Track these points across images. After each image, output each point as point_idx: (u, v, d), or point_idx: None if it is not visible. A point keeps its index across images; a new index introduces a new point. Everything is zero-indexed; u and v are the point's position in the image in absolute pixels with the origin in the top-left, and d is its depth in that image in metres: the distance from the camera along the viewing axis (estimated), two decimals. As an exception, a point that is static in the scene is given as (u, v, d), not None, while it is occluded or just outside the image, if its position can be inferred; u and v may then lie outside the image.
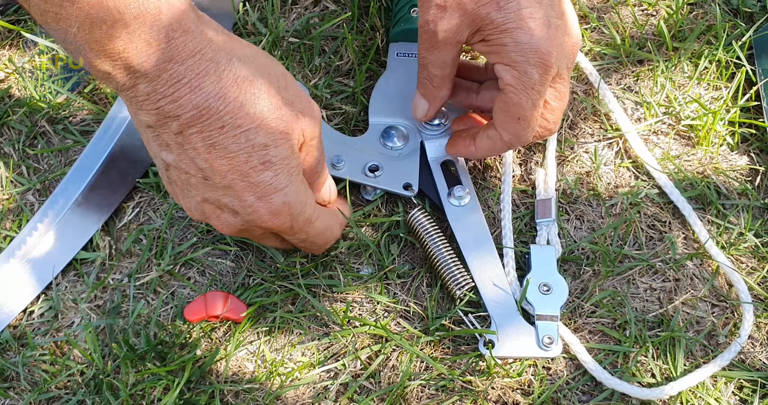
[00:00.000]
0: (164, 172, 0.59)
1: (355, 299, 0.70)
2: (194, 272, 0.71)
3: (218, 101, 0.54)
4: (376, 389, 0.67)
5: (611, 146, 0.78)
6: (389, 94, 0.77)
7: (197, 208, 0.59)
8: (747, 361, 0.69)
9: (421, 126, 0.75)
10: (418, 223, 0.70)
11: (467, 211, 0.72)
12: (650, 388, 0.66)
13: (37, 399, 0.66)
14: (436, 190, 0.73)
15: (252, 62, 0.56)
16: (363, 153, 0.74)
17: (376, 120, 0.76)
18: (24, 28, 0.82)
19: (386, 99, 0.77)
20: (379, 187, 0.73)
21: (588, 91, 0.81)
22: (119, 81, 0.52)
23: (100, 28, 0.49)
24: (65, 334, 0.69)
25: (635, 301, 0.71)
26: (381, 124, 0.76)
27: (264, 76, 0.56)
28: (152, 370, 0.64)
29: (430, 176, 0.74)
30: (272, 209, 0.58)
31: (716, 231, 0.74)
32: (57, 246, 0.70)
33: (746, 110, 0.80)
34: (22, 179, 0.75)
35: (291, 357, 0.68)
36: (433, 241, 0.70)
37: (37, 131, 0.78)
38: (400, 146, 0.75)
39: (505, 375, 0.67)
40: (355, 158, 0.74)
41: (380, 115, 0.76)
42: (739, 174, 0.77)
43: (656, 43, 0.83)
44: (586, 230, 0.74)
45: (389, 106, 0.77)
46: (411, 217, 0.71)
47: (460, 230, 0.71)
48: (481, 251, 0.70)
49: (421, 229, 0.70)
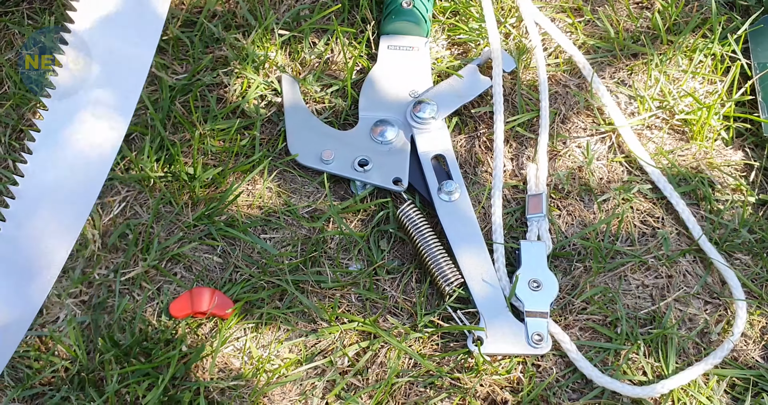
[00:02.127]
0: None
1: (343, 295, 0.69)
2: (180, 267, 0.71)
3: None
4: (363, 386, 0.66)
5: (604, 141, 0.77)
6: (380, 88, 0.76)
7: None
8: (740, 359, 0.68)
9: (411, 120, 0.74)
10: (408, 219, 0.70)
11: (457, 207, 0.71)
12: (641, 387, 0.65)
13: (20, 395, 0.65)
14: (426, 185, 0.72)
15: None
16: (352, 147, 0.73)
17: (366, 114, 0.75)
18: (10, 21, 0.81)
19: (377, 93, 0.76)
20: (368, 181, 0.72)
21: (581, 84, 0.80)
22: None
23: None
24: (49, 329, 0.68)
25: (627, 297, 0.70)
26: (371, 117, 0.75)
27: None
28: (137, 366, 0.64)
29: (420, 171, 0.73)
30: None
31: (710, 227, 0.73)
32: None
33: (741, 104, 0.79)
34: (9, 173, 0.74)
35: (278, 354, 0.67)
36: (423, 237, 0.69)
37: (23, 125, 0.77)
38: (390, 140, 0.74)
39: (493, 372, 0.66)
40: (344, 153, 0.73)
41: (370, 109, 0.75)
42: (734, 169, 0.76)
43: (651, 37, 0.82)
44: (577, 226, 0.73)
45: (380, 100, 0.76)
46: (401, 212, 0.70)
47: (449, 226, 0.70)
48: (470, 247, 0.70)
49: (410, 225, 0.69)
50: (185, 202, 0.72)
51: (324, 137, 0.74)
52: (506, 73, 0.77)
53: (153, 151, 0.73)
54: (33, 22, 0.82)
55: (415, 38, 0.79)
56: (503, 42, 0.81)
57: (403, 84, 0.76)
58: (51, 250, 0.65)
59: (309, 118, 0.76)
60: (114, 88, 0.68)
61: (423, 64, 0.78)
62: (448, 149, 0.74)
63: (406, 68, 0.77)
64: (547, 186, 0.74)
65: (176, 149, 0.72)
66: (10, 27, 0.81)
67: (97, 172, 0.66)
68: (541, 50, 0.79)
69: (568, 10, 0.84)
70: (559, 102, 0.79)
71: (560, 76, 0.81)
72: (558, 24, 0.84)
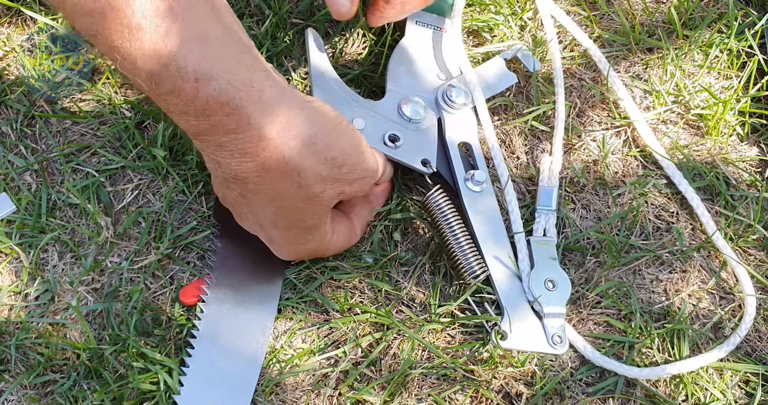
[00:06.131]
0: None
1: (356, 286, 0.69)
2: (193, 256, 0.70)
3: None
4: (377, 377, 0.66)
5: (619, 135, 0.77)
6: (407, 62, 0.73)
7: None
8: (754, 355, 0.68)
9: (443, 102, 0.72)
10: (436, 205, 0.67)
11: (484, 198, 0.70)
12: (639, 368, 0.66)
13: (32, 382, 0.65)
14: (451, 172, 0.70)
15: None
16: (381, 120, 0.69)
17: (393, 86, 0.72)
18: (23, 5, 0.81)
19: (404, 67, 0.73)
20: (397, 159, 0.68)
21: (596, 78, 0.80)
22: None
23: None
24: (62, 317, 0.67)
25: (641, 292, 0.70)
26: (399, 92, 0.71)
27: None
28: (148, 354, 0.63)
29: (445, 157, 0.71)
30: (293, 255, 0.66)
31: (725, 222, 0.73)
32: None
33: (757, 100, 0.79)
34: (19, 159, 0.74)
35: (291, 344, 0.67)
36: (449, 225, 0.67)
37: (35, 111, 0.76)
38: (417, 119, 0.70)
39: (508, 365, 0.65)
40: (373, 123, 0.69)
41: (398, 82, 0.72)
42: (749, 165, 0.76)
43: (666, 31, 0.81)
44: (592, 219, 0.73)
45: (409, 76, 0.73)
46: (429, 197, 0.68)
47: (475, 216, 0.68)
48: (496, 240, 0.68)
49: (438, 211, 0.67)
50: (198, 192, 0.72)
51: (352, 104, 0.69)
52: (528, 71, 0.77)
53: (166, 139, 0.72)
54: (45, 8, 0.81)
55: (441, 18, 0.77)
56: (519, 35, 0.80)
57: (431, 64, 0.73)
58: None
59: (336, 80, 0.71)
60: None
61: (451, 47, 0.76)
62: (474, 138, 0.72)
63: (432, 47, 0.75)
64: (563, 179, 0.74)
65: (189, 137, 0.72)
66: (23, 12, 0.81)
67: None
68: (556, 43, 0.79)
69: (584, 3, 0.84)
70: (575, 95, 0.78)
71: (575, 69, 0.80)
72: (573, 17, 0.83)
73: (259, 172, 0.57)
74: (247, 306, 0.67)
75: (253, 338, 0.66)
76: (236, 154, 0.56)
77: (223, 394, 0.64)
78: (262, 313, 0.67)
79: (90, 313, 0.67)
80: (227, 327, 0.66)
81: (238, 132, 0.55)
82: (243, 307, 0.67)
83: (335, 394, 0.65)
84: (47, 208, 0.71)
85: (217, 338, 0.65)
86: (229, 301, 0.67)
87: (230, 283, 0.68)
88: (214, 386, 0.64)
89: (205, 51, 0.52)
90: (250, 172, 0.57)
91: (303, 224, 0.62)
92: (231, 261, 0.69)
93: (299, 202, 0.59)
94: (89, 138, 0.75)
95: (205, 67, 0.52)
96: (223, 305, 0.67)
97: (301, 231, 0.62)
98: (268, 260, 0.68)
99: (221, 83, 0.53)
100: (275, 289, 0.68)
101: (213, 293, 0.67)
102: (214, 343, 0.65)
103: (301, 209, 0.60)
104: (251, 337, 0.66)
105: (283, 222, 0.61)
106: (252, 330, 0.66)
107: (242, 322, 0.66)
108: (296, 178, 0.58)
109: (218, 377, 0.64)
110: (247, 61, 0.55)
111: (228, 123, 0.54)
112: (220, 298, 0.67)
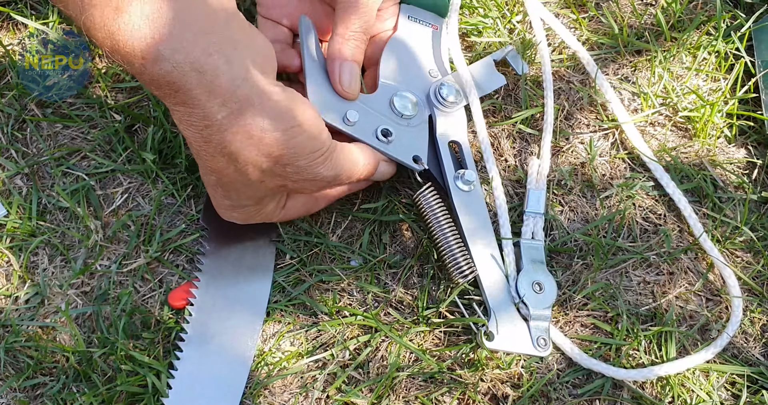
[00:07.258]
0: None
1: (344, 288, 0.69)
2: (182, 259, 0.71)
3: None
4: (364, 380, 0.66)
5: (607, 137, 0.77)
6: (399, 57, 0.73)
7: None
8: (740, 356, 0.68)
9: (435, 100, 0.72)
10: (426, 202, 0.68)
11: (473, 198, 0.70)
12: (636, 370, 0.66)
13: (21, 385, 0.65)
14: (441, 170, 0.70)
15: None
16: (372, 113, 0.69)
17: (386, 82, 0.71)
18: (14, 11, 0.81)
19: (396, 61, 0.73)
20: (389, 154, 0.68)
21: (585, 81, 0.80)
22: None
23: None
24: (51, 320, 0.68)
25: (628, 294, 0.70)
26: (391, 87, 0.71)
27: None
28: (137, 357, 0.64)
29: (435, 154, 0.71)
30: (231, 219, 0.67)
31: (712, 224, 0.73)
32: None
33: (745, 102, 0.79)
34: (10, 163, 0.74)
35: (279, 346, 0.67)
36: (439, 223, 0.67)
37: (26, 115, 0.77)
38: (408, 115, 0.70)
39: (495, 367, 0.66)
40: (366, 117, 0.68)
41: (390, 77, 0.72)
42: (736, 167, 0.76)
43: (654, 33, 0.82)
44: (579, 222, 0.73)
45: (399, 71, 0.73)
46: (419, 194, 0.68)
47: (464, 216, 0.68)
48: (484, 241, 0.68)
49: (428, 209, 0.67)
50: (188, 195, 0.72)
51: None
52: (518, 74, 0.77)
53: (156, 143, 0.73)
54: (36, 13, 0.81)
55: (434, 16, 0.77)
56: (508, 37, 0.81)
57: (423, 60, 0.73)
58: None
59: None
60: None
61: (445, 45, 0.76)
62: (464, 137, 0.72)
63: (424, 43, 0.75)
64: (550, 182, 0.74)
65: (178, 141, 0.72)
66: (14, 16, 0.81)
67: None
68: (545, 46, 0.79)
69: (573, 6, 0.84)
70: (563, 98, 0.79)
71: (564, 71, 0.81)
72: (562, 20, 0.83)
73: (200, 143, 0.57)
74: (235, 309, 0.67)
75: (241, 341, 0.66)
76: (183, 120, 0.57)
77: (212, 396, 0.64)
78: (250, 316, 0.67)
79: (79, 316, 0.68)
80: (216, 330, 0.66)
81: (187, 106, 0.55)
82: (231, 310, 0.67)
83: (323, 397, 0.65)
84: (37, 211, 0.72)
85: (205, 341, 0.66)
86: (217, 304, 0.67)
87: (219, 286, 0.68)
88: (202, 389, 0.64)
89: (151, 30, 0.52)
90: (192, 139, 0.58)
91: (239, 202, 0.63)
92: (220, 264, 0.69)
93: (236, 183, 0.60)
94: (80, 142, 0.75)
95: (151, 46, 0.52)
96: (211, 308, 0.67)
97: (239, 205, 0.64)
98: (256, 263, 0.69)
99: (166, 66, 0.53)
100: (264, 292, 0.68)
101: (202, 296, 0.67)
102: (202, 346, 0.66)
103: (238, 189, 0.61)
104: (240, 340, 0.66)
105: (222, 191, 0.63)
106: (240, 333, 0.67)
107: (231, 325, 0.67)
108: (234, 162, 0.58)
109: (207, 380, 0.65)
110: (203, 43, 0.54)
111: (175, 97, 0.55)
112: (209, 301, 0.67)
